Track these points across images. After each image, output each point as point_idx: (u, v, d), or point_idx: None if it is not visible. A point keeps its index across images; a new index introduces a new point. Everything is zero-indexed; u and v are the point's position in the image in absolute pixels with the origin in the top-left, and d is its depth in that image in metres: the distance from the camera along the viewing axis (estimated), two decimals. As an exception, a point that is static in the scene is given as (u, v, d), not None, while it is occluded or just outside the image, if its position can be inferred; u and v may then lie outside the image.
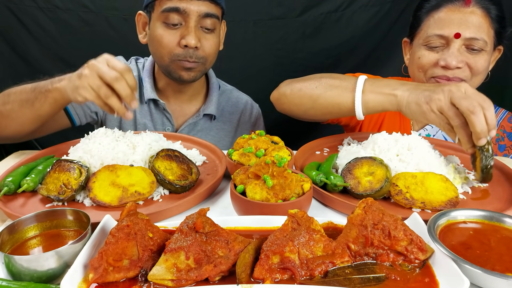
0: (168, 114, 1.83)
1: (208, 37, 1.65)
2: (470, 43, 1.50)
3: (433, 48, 1.56)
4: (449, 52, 1.51)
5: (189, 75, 1.69)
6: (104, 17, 2.60)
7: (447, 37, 1.51)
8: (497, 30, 1.54)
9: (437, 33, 1.52)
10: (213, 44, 1.67)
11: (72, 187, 1.12)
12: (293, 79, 1.56)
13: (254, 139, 1.28)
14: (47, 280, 0.81)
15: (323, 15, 2.74)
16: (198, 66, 1.68)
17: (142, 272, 0.78)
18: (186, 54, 1.62)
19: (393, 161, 1.22)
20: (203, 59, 1.67)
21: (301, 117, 1.58)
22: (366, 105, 1.33)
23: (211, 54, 1.69)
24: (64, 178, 1.14)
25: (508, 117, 1.76)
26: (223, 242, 0.81)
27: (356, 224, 0.84)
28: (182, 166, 1.25)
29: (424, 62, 1.58)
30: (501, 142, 1.74)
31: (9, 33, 2.60)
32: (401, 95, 1.27)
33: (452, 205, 1.07)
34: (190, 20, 1.57)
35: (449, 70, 1.53)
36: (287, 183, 1.02)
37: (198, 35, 1.61)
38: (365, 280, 0.77)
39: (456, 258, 0.78)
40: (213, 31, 1.66)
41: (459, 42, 1.50)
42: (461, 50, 1.51)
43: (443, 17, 1.53)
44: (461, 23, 1.49)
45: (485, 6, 1.51)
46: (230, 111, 1.97)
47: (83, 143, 1.32)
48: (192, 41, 1.58)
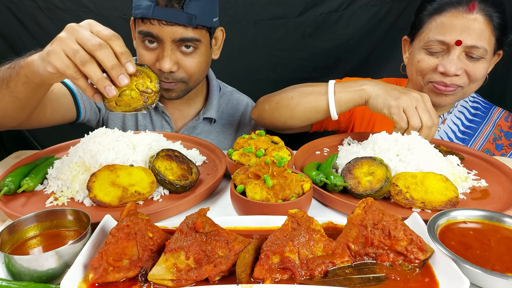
0: (167, 117, 1.83)
1: (188, 58, 1.58)
2: (470, 51, 1.49)
3: (433, 53, 1.55)
4: (449, 58, 1.51)
5: (169, 95, 1.66)
6: (104, 17, 2.60)
7: (448, 44, 1.50)
8: (498, 37, 1.53)
9: (439, 39, 1.51)
10: (194, 64, 1.60)
11: (152, 89, 1.04)
12: (268, 94, 1.66)
13: (254, 139, 1.28)
14: (47, 280, 0.81)
15: (323, 15, 2.74)
16: (179, 86, 1.63)
17: (142, 272, 0.78)
18: (162, 76, 1.58)
19: (393, 161, 1.22)
20: (183, 79, 1.62)
21: (282, 128, 1.66)
22: (339, 103, 1.44)
23: (194, 74, 1.63)
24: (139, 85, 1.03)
25: (505, 116, 1.77)
26: (223, 242, 0.81)
27: (356, 224, 0.84)
28: (182, 166, 1.25)
29: (423, 67, 1.58)
30: (498, 141, 1.74)
31: (9, 33, 2.60)
32: (369, 89, 1.39)
33: (452, 205, 1.07)
34: (165, 44, 1.52)
35: (447, 76, 1.52)
36: (287, 183, 1.02)
37: (175, 58, 1.55)
38: (365, 280, 0.77)
39: (456, 258, 0.78)
40: (194, 51, 1.58)
41: (460, 49, 1.49)
42: (460, 57, 1.51)
43: (445, 22, 1.51)
44: (463, 30, 1.47)
45: (488, 14, 1.48)
46: (230, 114, 1.96)
47: (83, 143, 1.31)
48: (166, 66, 1.53)
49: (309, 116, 1.51)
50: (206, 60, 1.68)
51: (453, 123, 1.77)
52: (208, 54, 1.68)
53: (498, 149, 1.73)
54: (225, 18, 2.53)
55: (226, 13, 2.54)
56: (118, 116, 1.82)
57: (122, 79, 0.98)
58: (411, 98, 1.31)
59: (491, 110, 1.78)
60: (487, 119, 1.76)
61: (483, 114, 1.77)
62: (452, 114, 1.77)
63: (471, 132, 1.76)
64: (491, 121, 1.76)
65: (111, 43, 0.98)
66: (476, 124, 1.76)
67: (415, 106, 1.30)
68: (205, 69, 1.69)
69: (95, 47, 0.96)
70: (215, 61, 1.79)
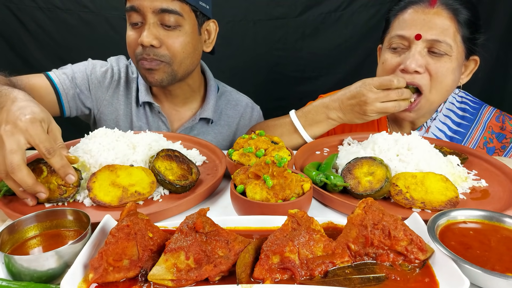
0: (164, 117, 1.81)
1: (171, 35, 1.55)
2: (432, 46, 1.43)
3: (395, 50, 1.50)
4: (409, 54, 1.45)
5: (152, 77, 1.61)
6: (104, 17, 2.61)
7: (408, 38, 1.45)
8: (466, 36, 1.46)
9: (398, 34, 1.47)
10: (178, 42, 1.56)
11: (73, 184, 1.12)
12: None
13: (254, 139, 1.28)
14: (47, 280, 0.81)
15: (323, 15, 2.75)
16: (162, 67, 1.59)
17: (142, 272, 0.78)
18: (143, 52, 1.56)
19: (393, 161, 1.22)
20: (166, 58, 1.57)
21: None
22: (314, 135, 1.57)
23: (178, 53, 1.58)
24: (58, 180, 1.13)
25: (496, 115, 1.66)
26: (223, 242, 0.81)
27: (356, 224, 0.84)
28: (182, 166, 1.25)
29: (387, 67, 1.53)
30: (489, 144, 1.65)
31: (9, 33, 2.60)
32: (337, 117, 1.52)
33: (452, 205, 1.07)
34: (147, 17, 1.52)
35: (408, 74, 1.45)
36: (287, 183, 1.02)
37: (155, 32, 1.53)
38: (365, 280, 0.77)
39: (456, 258, 0.78)
40: (177, 28, 1.55)
41: (421, 44, 1.43)
42: (422, 53, 1.44)
43: (407, 18, 1.48)
44: (423, 24, 1.43)
45: (453, 8, 1.43)
46: (229, 114, 1.93)
47: (83, 143, 1.31)
48: (145, 39, 1.51)
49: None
50: (193, 44, 1.63)
51: (439, 129, 1.68)
52: (195, 39, 1.63)
53: (490, 153, 1.63)
54: (225, 18, 2.53)
55: (226, 13, 2.54)
56: (111, 117, 1.82)
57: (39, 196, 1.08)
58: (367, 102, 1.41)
59: (481, 110, 1.68)
60: (477, 121, 1.66)
61: (471, 116, 1.67)
62: (437, 120, 1.67)
63: (459, 137, 1.66)
64: (480, 123, 1.65)
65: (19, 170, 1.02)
66: (464, 128, 1.66)
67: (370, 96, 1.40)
68: (190, 53, 1.63)
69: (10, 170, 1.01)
70: (214, 61, 1.79)
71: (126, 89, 1.84)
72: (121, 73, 1.83)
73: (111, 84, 1.82)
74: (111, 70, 1.82)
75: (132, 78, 1.84)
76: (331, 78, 2.92)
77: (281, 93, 2.90)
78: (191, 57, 1.65)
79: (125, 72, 1.84)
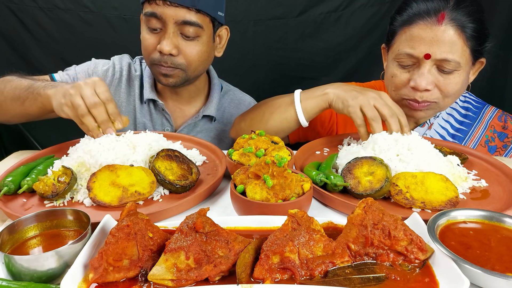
0: (167, 114, 1.83)
1: (189, 44, 1.60)
2: (441, 64, 1.44)
3: (404, 66, 1.51)
4: (419, 72, 1.46)
5: (167, 80, 1.66)
6: (104, 17, 2.60)
7: (417, 57, 1.46)
8: (475, 48, 1.46)
9: (408, 52, 1.47)
10: (195, 51, 1.62)
11: (65, 181, 1.13)
12: (242, 113, 1.75)
13: (254, 139, 1.28)
14: (47, 280, 0.81)
15: (323, 15, 2.74)
16: (177, 72, 1.64)
17: (142, 272, 0.78)
18: (161, 60, 1.60)
19: (393, 161, 1.22)
20: (182, 66, 1.63)
21: None
22: (306, 110, 1.49)
23: (194, 62, 1.64)
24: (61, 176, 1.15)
25: (498, 115, 1.69)
26: (223, 242, 0.81)
27: (356, 224, 0.84)
28: (182, 166, 1.25)
29: (396, 82, 1.54)
30: (491, 143, 1.66)
31: (9, 33, 2.60)
32: (331, 92, 1.45)
33: (452, 205, 1.07)
34: (168, 26, 1.55)
35: (418, 92, 1.48)
36: (287, 183, 1.02)
37: (175, 41, 1.57)
38: (365, 280, 0.77)
39: (456, 258, 0.78)
40: (196, 39, 1.60)
41: (430, 62, 1.44)
42: (432, 71, 1.46)
43: (414, 34, 1.46)
44: (432, 43, 1.42)
45: (460, 24, 1.41)
46: (232, 113, 1.96)
47: (83, 143, 1.32)
48: (165, 48, 1.56)
49: (282, 128, 1.55)
50: (208, 52, 1.68)
51: (441, 127, 1.70)
52: (210, 47, 1.68)
53: (491, 152, 1.66)
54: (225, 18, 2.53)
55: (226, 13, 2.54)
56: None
57: (108, 131, 1.33)
58: (368, 96, 1.36)
59: (483, 110, 1.71)
60: (479, 120, 1.69)
61: (474, 115, 1.70)
62: (440, 117, 1.70)
63: (461, 135, 1.69)
64: (483, 122, 1.68)
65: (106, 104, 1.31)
66: (467, 126, 1.69)
67: (373, 104, 1.35)
68: (205, 61, 1.69)
69: (91, 105, 1.29)
70: (214, 61, 1.80)
71: (128, 87, 1.86)
72: (123, 71, 1.86)
73: (112, 82, 1.84)
74: (112, 68, 1.85)
75: (134, 76, 1.86)
76: (331, 78, 2.92)
77: (281, 93, 2.89)
78: (204, 63, 1.71)
79: (127, 70, 1.86)
